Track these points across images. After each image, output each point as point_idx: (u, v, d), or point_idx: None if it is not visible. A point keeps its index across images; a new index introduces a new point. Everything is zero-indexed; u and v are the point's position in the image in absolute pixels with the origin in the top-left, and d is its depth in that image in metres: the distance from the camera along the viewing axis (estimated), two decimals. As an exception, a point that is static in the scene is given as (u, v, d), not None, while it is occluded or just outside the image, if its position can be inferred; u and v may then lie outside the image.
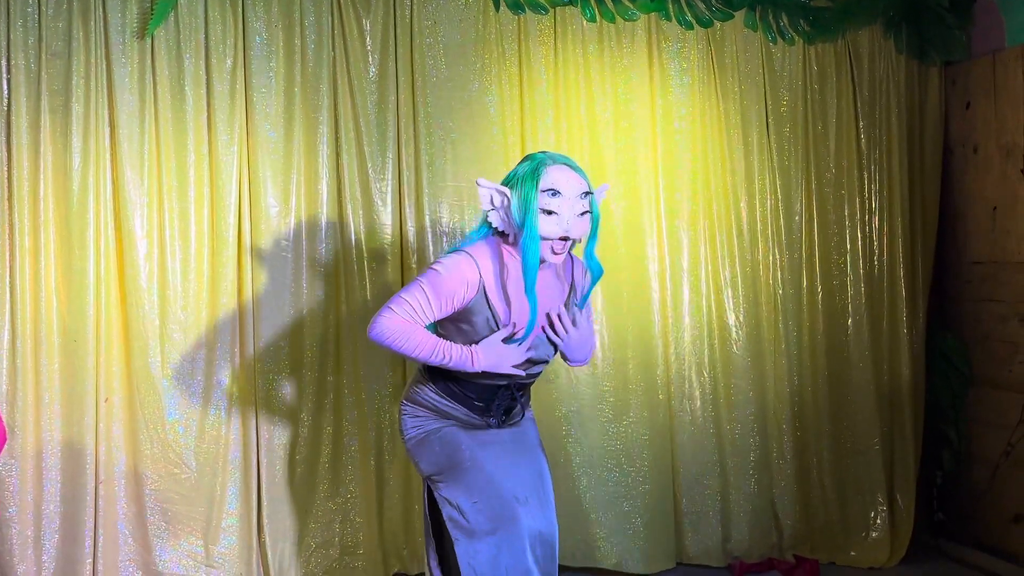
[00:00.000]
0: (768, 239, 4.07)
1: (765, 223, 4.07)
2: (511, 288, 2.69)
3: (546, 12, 3.85)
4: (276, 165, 3.59)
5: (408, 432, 2.81)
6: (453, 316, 2.71)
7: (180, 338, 3.50)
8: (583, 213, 2.67)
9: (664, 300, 3.96)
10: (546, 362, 2.84)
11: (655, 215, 3.95)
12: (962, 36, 4.23)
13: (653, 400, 3.93)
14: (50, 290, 3.35)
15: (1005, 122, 4.01)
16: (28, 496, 3.33)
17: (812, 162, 4.14)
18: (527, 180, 2.64)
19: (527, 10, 3.82)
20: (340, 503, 3.68)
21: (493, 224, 2.72)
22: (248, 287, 3.57)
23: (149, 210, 3.47)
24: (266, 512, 3.58)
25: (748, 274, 4.04)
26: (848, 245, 4.18)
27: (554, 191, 2.62)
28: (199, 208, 3.52)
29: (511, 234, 2.70)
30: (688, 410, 3.99)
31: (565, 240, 2.67)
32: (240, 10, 3.54)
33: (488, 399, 2.78)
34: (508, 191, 2.67)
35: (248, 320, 3.57)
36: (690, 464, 3.98)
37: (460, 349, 2.66)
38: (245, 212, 3.57)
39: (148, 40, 3.44)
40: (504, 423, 2.84)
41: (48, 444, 3.35)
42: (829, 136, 4.16)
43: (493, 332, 2.69)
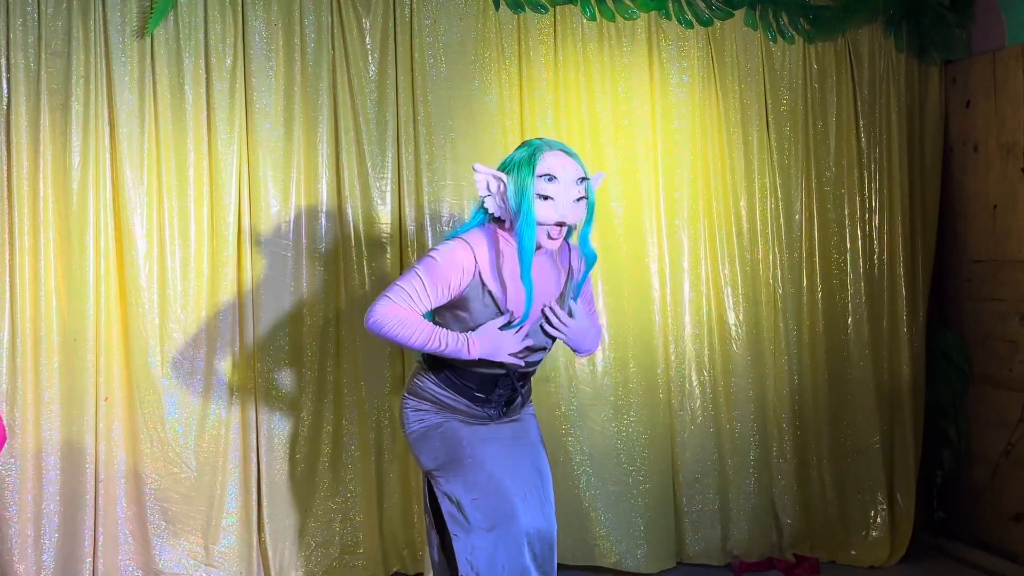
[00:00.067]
0: (768, 238, 4.07)
1: (765, 222, 4.07)
2: (507, 274, 2.69)
3: (546, 11, 3.84)
4: (276, 164, 3.59)
5: (410, 426, 2.81)
6: (450, 304, 2.71)
7: (180, 337, 3.50)
8: (579, 199, 2.68)
9: (664, 299, 3.95)
10: (545, 349, 2.83)
11: (655, 214, 3.95)
12: (962, 35, 4.22)
13: (653, 399, 3.92)
14: (50, 289, 3.35)
15: (1005, 121, 4.01)
16: (28, 495, 3.33)
17: (812, 161, 4.14)
18: (523, 165, 2.65)
19: (527, 9, 3.82)
20: (340, 502, 3.69)
21: (489, 210, 2.72)
22: (248, 285, 3.57)
23: (149, 209, 3.47)
24: (266, 511, 3.58)
25: (748, 273, 4.04)
26: (848, 244, 4.18)
27: (550, 176, 2.64)
28: (199, 207, 3.52)
29: (507, 220, 2.71)
30: (688, 409, 3.99)
31: (561, 225, 2.68)
32: (240, 9, 3.54)
33: (488, 389, 2.77)
34: (504, 176, 2.67)
35: (248, 318, 3.57)
36: (690, 463, 3.98)
37: (456, 336, 2.66)
38: (245, 211, 3.57)
39: (148, 39, 3.44)
40: (505, 415, 2.83)
41: (48, 443, 3.35)
42: (829, 135, 4.16)
43: (492, 319, 2.69)
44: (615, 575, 3.89)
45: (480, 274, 2.67)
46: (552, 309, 2.76)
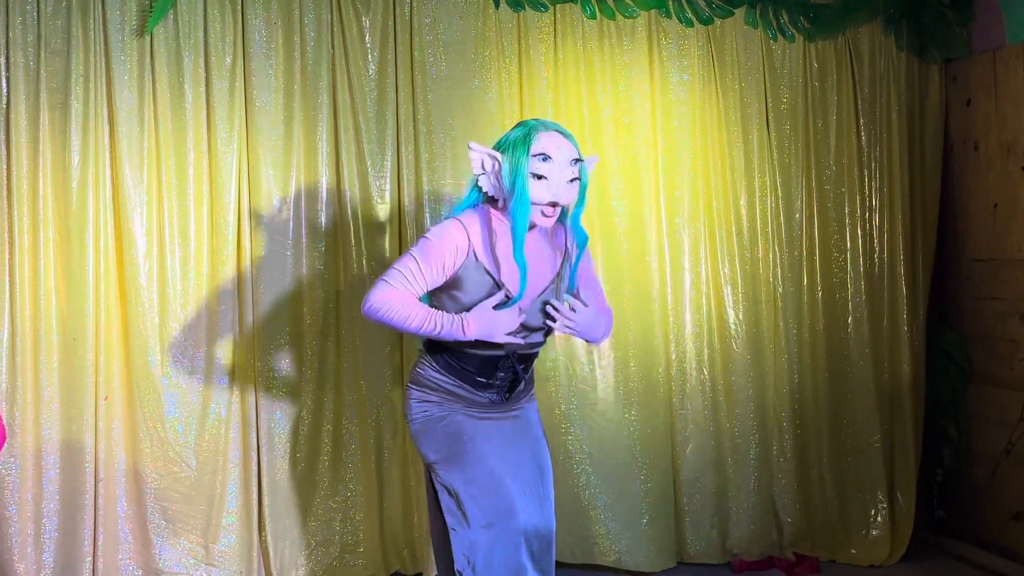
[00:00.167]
0: (768, 236, 4.06)
1: (765, 220, 4.06)
2: (500, 253, 2.71)
3: (546, 9, 3.84)
4: (276, 163, 3.58)
5: (413, 417, 2.80)
6: (446, 284, 2.72)
7: (180, 336, 3.49)
8: (572, 180, 2.70)
9: (664, 298, 3.95)
10: (543, 330, 2.82)
11: (655, 212, 3.94)
12: (963, 33, 4.22)
13: (653, 398, 3.92)
14: (49, 288, 3.35)
15: (1006, 119, 4.00)
16: (28, 495, 3.32)
17: (812, 159, 4.14)
18: (519, 145, 2.67)
19: (527, 7, 3.81)
20: (340, 501, 3.68)
21: (483, 188, 2.74)
22: (248, 284, 3.56)
23: (148, 208, 3.47)
24: (267, 510, 3.58)
25: (748, 272, 4.04)
26: (848, 242, 4.17)
27: (545, 156, 2.66)
28: (198, 206, 3.52)
29: (500, 199, 2.73)
30: (688, 408, 3.98)
31: (554, 206, 2.70)
32: (239, 8, 3.54)
33: (489, 373, 2.77)
34: (499, 155, 2.69)
35: (248, 318, 3.57)
36: (690, 462, 3.98)
37: (452, 318, 2.66)
38: (244, 210, 3.56)
39: (147, 38, 3.44)
40: (508, 400, 2.82)
41: (47, 442, 3.34)
42: (829, 133, 4.15)
43: (487, 299, 2.69)
44: (615, 573, 3.89)
45: (474, 253, 2.68)
46: (556, 307, 2.76)
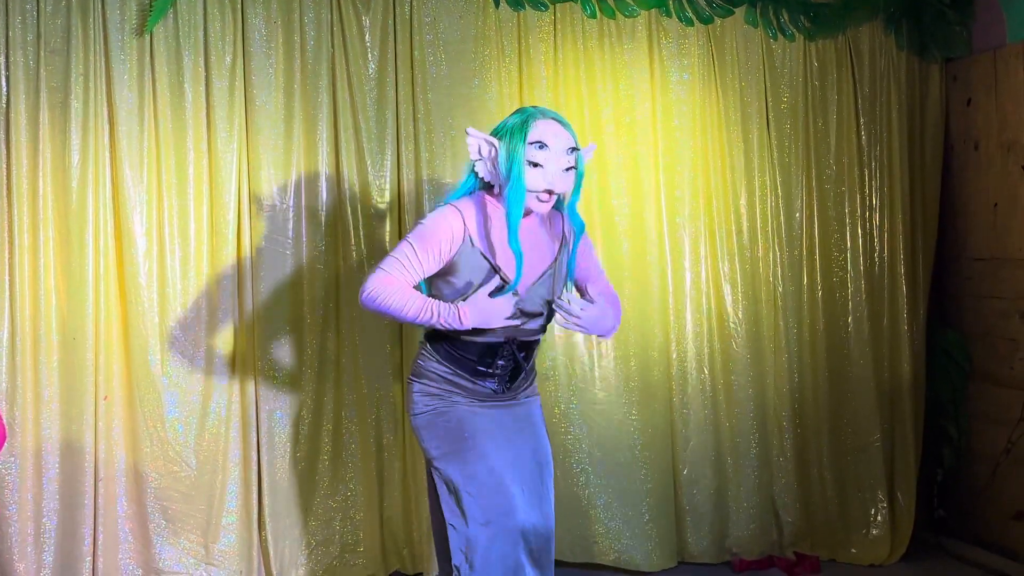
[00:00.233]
0: (768, 236, 4.06)
1: (765, 220, 4.06)
2: (495, 238, 2.71)
3: (546, 8, 3.84)
4: (276, 162, 3.58)
5: (415, 410, 2.79)
6: (443, 271, 2.72)
7: (180, 336, 3.49)
8: (568, 168, 2.71)
9: (665, 297, 3.95)
10: (541, 316, 2.81)
11: (656, 212, 3.94)
12: (963, 32, 4.22)
13: (653, 397, 3.92)
14: (49, 287, 3.34)
15: (1006, 118, 4.00)
16: (28, 494, 3.32)
17: (812, 159, 4.13)
18: (516, 132, 2.68)
19: (527, 6, 3.81)
20: (340, 501, 3.68)
21: (479, 174, 2.75)
22: (248, 284, 3.56)
23: (148, 207, 3.46)
24: (267, 510, 3.58)
25: (748, 271, 4.03)
26: (848, 242, 4.17)
27: (541, 144, 2.67)
28: (198, 205, 3.51)
29: (496, 185, 2.73)
30: (688, 407, 3.98)
31: (550, 193, 2.70)
32: (239, 7, 3.53)
33: (489, 361, 2.76)
34: (496, 141, 2.70)
35: (248, 317, 3.57)
36: (690, 461, 3.98)
37: (448, 306, 2.66)
38: (244, 209, 3.56)
39: (147, 37, 3.44)
40: (510, 389, 2.81)
41: (47, 442, 3.34)
42: (830, 133, 4.15)
43: (484, 284, 2.69)
44: (614, 572, 3.89)
45: (470, 238, 2.69)
46: (561, 306, 2.76)
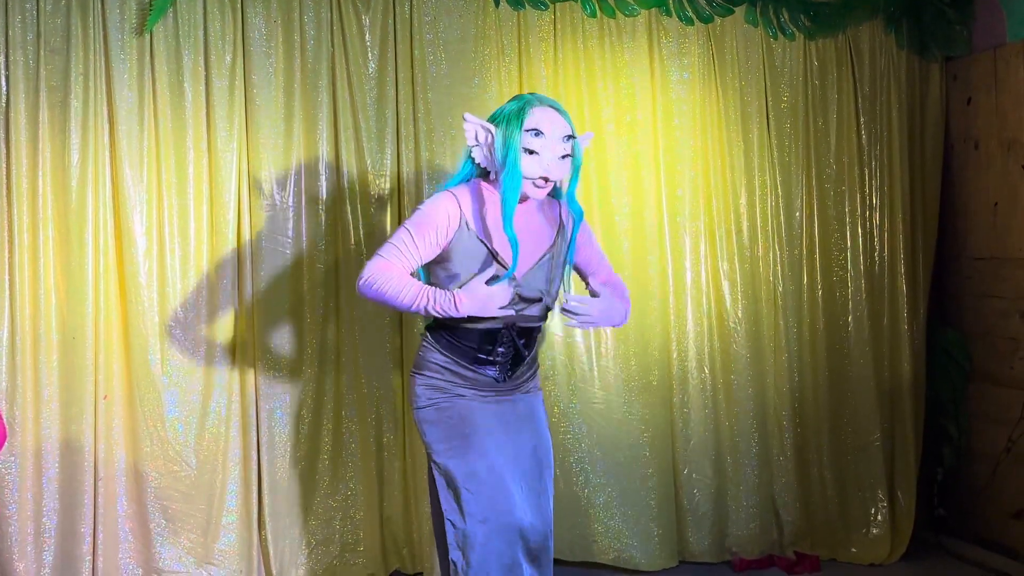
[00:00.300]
0: (768, 235, 4.06)
1: (765, 219, 4.06)
2: (491, 223, 2.72)
3: (546, 8, 3.83)
4: (275, 161, 3.58)
5: (418, 403, 2.79)
6: (441, 257, 2.72)
7: (179, 335, 3.49)
8: (564, 156, 2.71)
9: (665, 296, 3.95)
10: (539, 301, 2.80)
11: (656, 211, 3.93)
12: (963, 31, 4.21)
13: (654, 396, 3.92)
14: (49, 287, 3.34)
15: (1006, 117, 4.00)
16: (28, 494, 3.32)
17: (812, 158, 4.13)
18: (512, 119, 2.69)
19: (527, 6, 3.81)
20: (340, 500, 3.68)
21: (476, 159, 2.76)
22: (248, 283, 3.56)
23: (148, 207, 3.46)
24: (267, 509, 3.58)
25: (748, 270, 4.03)
26: (848, 241, 4.17)
27: (537, 131, 2.67)
28: (198, 205, 3.51)
29: (492, 171, 2.74)
30: (688, 406, 3.98)
31: (545, 180, 2.71)
32: (239, 6, 3.54)
33: (489, 348, 2.75)
34: (493, 128, 2.71)
35: (248, 317, 3.57)
36: (690, 460, 3.98)
37: (444, 293, 2.66)
38: (244, 208, 3.56)
39: (147, 36, 3.44)
40: (511, 378, 2.81)
41: (47, 441, 3.34)
42: (830, 132, 4.15)
43: (481, 270, 2.69)
44: (613, 572, 3.89)
45: (466, 222, 2.70)
46: (567, 309, 2.76)
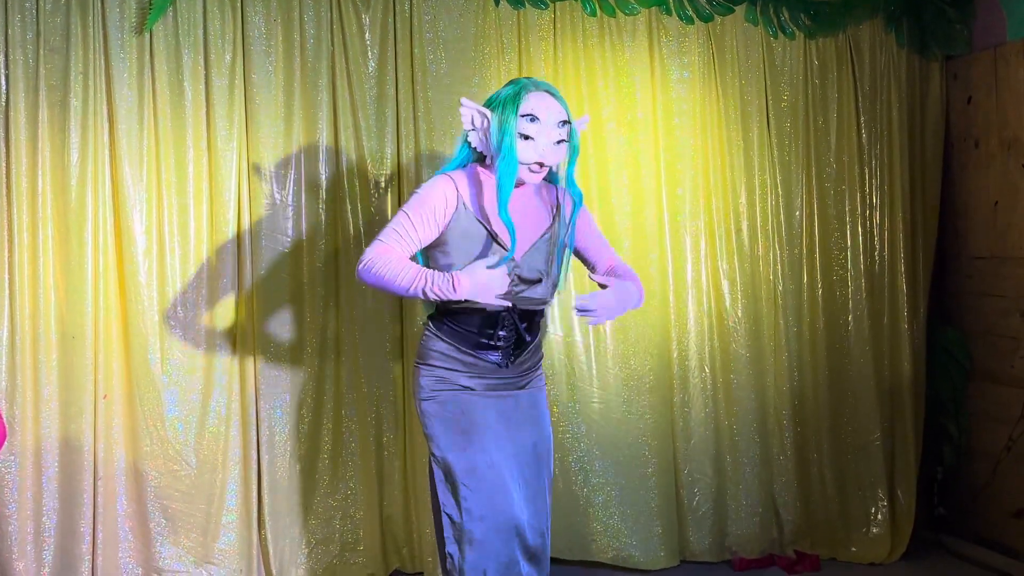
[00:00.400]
0: (768, 234, 4.06)
1: (765, 218, 4.06)
2: (489, 207, 2.72)
3: (546, 7, 3.83)
4: (275, 160, 3.58)
5: (422, 394, 2.78)
6: (441, 241, 2.72)
7: (179, 334, 3.49)
8: (559, 141, 2.72)
9: (665, 296, 3.94)
10: (539, 281, 2.79)
11: (656, 210, 3.93)
12: (963, 30, 4.21)
13: (653, 395, 3.91)
14: (48, 286, 3.34)
15: (1007, 116, 4.00)
16: (27, 493, 3.32)
17: (813, 157, 4.13)
18: (508, 104, 2.69)
19: (527, 5, 3.81)
20: (340, 499, 3.68)
21: (472, 144, 2.77)
22: (247, 283, 3.56)
23: (148, 206, 3.46)
24: (266, 508, 3.58)
25: (748, 269, 4.03)
26: (849, 240, 4.16)
27: (532, 117, 2.67)
28: (198, 204, 3.51)
29: (488, 156, 2.75)
30: (688, 405, 3.98)
31: (540, 165, 2.71)
32: (239, 5, 3.53)
33: (490, 332, 2.74)
34: (489, 113, 2.72)
35: (247, 317, 3.57)
36: (690, 459, 3.98)
37: (443, 275, 2.65)
38: (244, 207, 3.56)
39: (146, 35, 3.43)
40: (514, 363, 2.80)
41: (47, 440, 3.34)
42: (830, 131, 4.15)
43: (478, 252, 2.69)
44: (612, 571, 3.89)
45: (463, 203, 2.70)
46: (581, 307, 2.74)
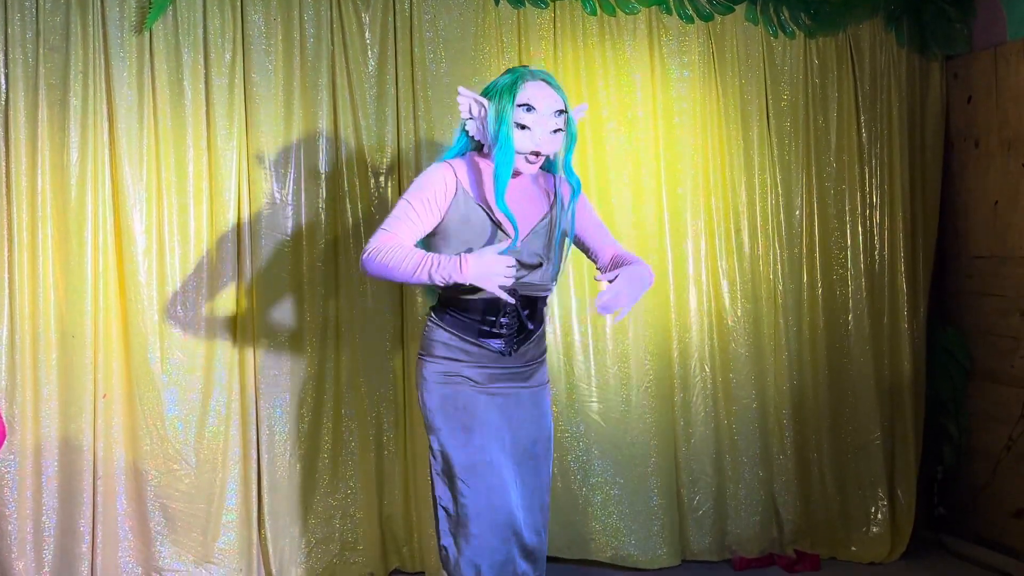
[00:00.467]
0: (768, 233, 4.06)
1: (765, 218, 4.06)
2: (489, 195, 2.73)
3: (546, 6, 3.83)
4: (275, 159, 3.58)
5: (425, 387, 2.77)
6: (442, 229, 2.71)
7: (179, 334, 3.49)
8: (556, 131, 2.71)
9: (665, 295, 3.94)
10: (540, 266, 2.77)
11: (656, 209, 3.93)
12: (963, 30, 4.21)
13: (653, 394, 3.91)
14: (48, 285, 3.34)
15: (1007, 116, 4.00)
16: (27, 492, 3.32)
17: (813, 156, 4.13)
18: (504, 93, 2.69)
19: (527, 4, 3.81)
20: (340, 499, 3.68)
21: (470, 132, 2.77)
22: (247, 282, 3.56)
23: (148, 205, 3.46)
24: (266, 508, 3.57)
25: (748, 269, 4.03)
26: (849, 239, 4.16)
27: (529, 106, 2.67)
28: (198, 203, 3.51)
29: (486, 145, 2.75)
30: (688, 405, 3.98)
31: (536, 155, 2.71)
32: (239, 4, 3.53)
33: (492, 319, 2.74)
34: (486, 102, 2.72)
35: (247, 316, 3.56)
36: (690, 459, 3.97)
37: (449, 257, 2.61)
38: (244, 207, 3.56)
39: (146, 34, 3.43)
40: (517, 351, 2.79)
41: (46, 440, 3.34)
42: (830, 130, 4.14)
43: (480, 237, 2.69)
44: (610, 570, 3.89)
45: (463, 189, 2.71)
46: (600, 306, 2.72)
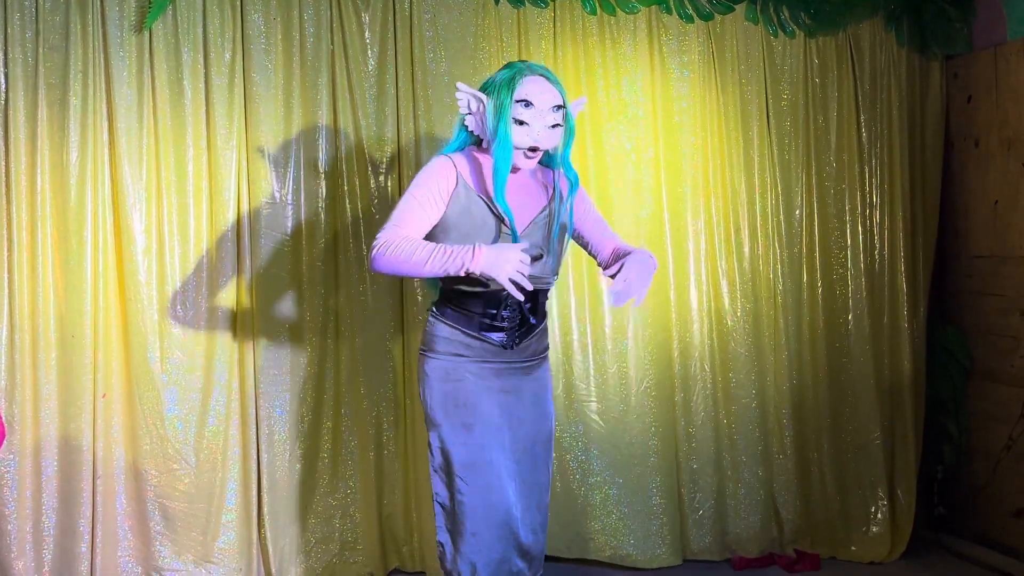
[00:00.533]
0: (768, 233, 4.06)
1: (765, 217, 4.05)
2: (489, 189, 2.73)
3: (546, 5, 3.83)
4: (275, 159, 3.57)
5: (427, 382, 2.78)
6: (445, 224, 2.71)
7: (179, 333, 3.48)
8: (554, 126, 2.71)
9: (666, 295, 3.94)
10: (540, 258, 2.78)
11: (656, 209, 3.93)
12: (963, 29, 4.21)
13: (653, 395, 3.91)
14: (47, 285, 3.34)
15: (1007, 116, 4.00)
16: (27, 492, 3.32)
17: (813, 156, 4.13)
18: (503, 89, 2.69)
19: (527, 3, 3.80)
20: (340, 499, 3.68)
21: (469, 128, 2.78)
22: (247, 281, 3.56)
23: (147, 204, 3.46)
24: (266, 508, 3.57)
25: (747, 268, 4.03)
26: (849, 239, 4.16)
27: (527, 102, 2.67)
28: (198, 203, 3.51)
29: (484, 140, 2.76)
30: (688, 404, 3.98)
31: (534, 150, 2.71)
32: (239, 3, 3.53)
33: (493, 312, 2.74)
34: (484, 97, 2.72)
35: (247, 315, 3.56)
36: (690, 459, 3.97)
37: (460, 247, 2.58)
38: (244, 206, 3.55)
39: (146, 34, 3.43)
40: (519, 344, 2.79)
41: (46, 440, 3.33)
42: (830, 130, 4.14)
43: (483, 230, 2.70)
44: (610, 569, 3.88)
45: (463, 182, 2.71)
46: (614, 297, 2.70)
